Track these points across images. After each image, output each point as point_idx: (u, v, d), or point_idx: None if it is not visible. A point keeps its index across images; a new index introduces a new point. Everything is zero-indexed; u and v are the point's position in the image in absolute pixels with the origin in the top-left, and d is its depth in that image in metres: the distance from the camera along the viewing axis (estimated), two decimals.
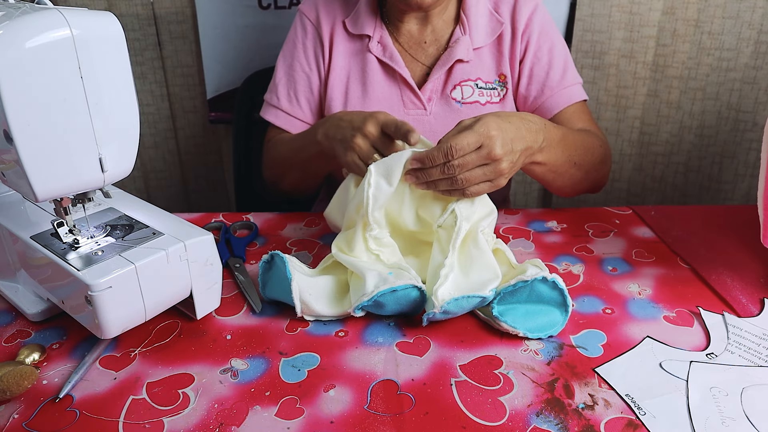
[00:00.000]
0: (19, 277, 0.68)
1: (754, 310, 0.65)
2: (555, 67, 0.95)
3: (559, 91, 0.95)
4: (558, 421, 0.50)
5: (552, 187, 0.87)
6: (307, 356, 0.59)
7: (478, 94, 0.95)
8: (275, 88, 1.00)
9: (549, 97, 0.95)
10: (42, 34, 0.47)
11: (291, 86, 0.99)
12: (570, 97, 0.95)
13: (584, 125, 0.95)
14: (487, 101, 0.95)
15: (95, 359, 0.58)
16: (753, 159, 1.46)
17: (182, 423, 0.51)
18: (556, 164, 0.79)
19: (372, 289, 0.60)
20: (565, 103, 0.95)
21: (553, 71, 0.95)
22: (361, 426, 0.50)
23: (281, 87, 1.00)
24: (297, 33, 1.00)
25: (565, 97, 0.95)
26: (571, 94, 0.95)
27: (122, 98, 0.54)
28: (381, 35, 0.96)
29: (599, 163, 0.89)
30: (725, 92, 1.41)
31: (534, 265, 0.63)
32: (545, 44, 0.95)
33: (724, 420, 0.50)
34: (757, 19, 1.33)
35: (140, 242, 0.59)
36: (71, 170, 0.53)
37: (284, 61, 1.01)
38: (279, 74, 1.01)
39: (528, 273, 0.60)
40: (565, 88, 0.95)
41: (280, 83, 1.00)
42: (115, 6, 1.44)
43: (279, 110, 1.00)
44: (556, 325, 0.61)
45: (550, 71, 0.95)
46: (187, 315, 0.65)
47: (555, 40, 0.96)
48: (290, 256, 0.66)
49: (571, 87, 0.95)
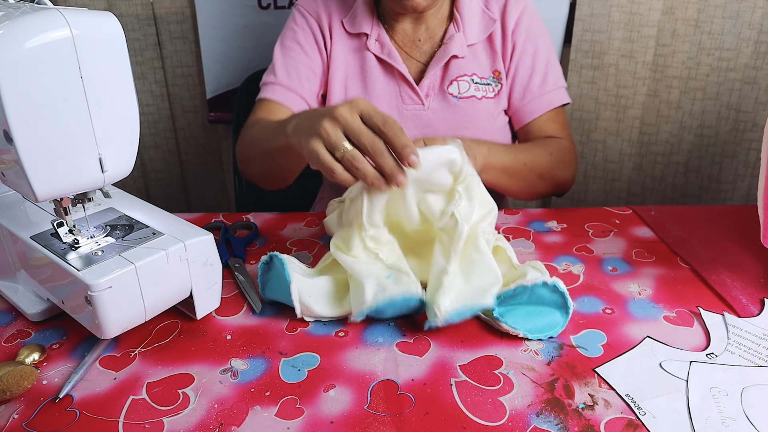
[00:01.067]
0: (19, 277, 0.68)
1: (754, 310, 0.65)
2: (537, 72, 0.97)
3: (539, 96, 0.97)
4: (558, 421, 0.50)
5: (510, 191, 0.92)
6: (307, 356, 0.59)
7: (474, 89, 0.96)
8: (273, 69, 0.97)
9: (528, 101, 0.97)
10: (42, 34, 0.47)
11: (291, 64, 0.96)
12: (549, 102, 0.97)
13: (554, 133, 0.98)
14: (483, 96, 0.97)
15: (95, 359, 0.58)
16: (753, 159, 1.47)
17: (182, 423, 0.51)
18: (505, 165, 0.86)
19: (371, 300, 0.60)
20: (543, 109, 0.97)
21: (535, 76, 0.97)
22: (361, 426, 0.50)
23: (278, 66, 0.97)
24: (296, 21, 0.99)
25: (544, 103, 0.97)
26: (551, 100, 0.97)
27: (122, 98, 0.54)
28: (378, 33, 0.97)
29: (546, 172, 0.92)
30: (725, 92, 1.41)
31: (534, 267, 0.63)
32: (530, 48, 0.97)
33: (724, 420, 0.50)
34: (757, 19, 1.33)
35: (140, 242, 0.59)
36: (71, 170, 0.53)
37: (282, 45, 0.99)
38: (276, 56, 0.98)
39: (528, 277, 0.60)
40: (545, 95, 0.97)
41: (277, 63, 0.97)
42: (115, 6, 1.44)
43: (276, 85, 0.96)
44: (557, 326, 0.61)
45: (532, 76, 0.97)
46: (187, 315, 0.65)
47: (539, 43, 0.97)
48: (289, 256, 0.66)
49: (551, 92, 0.97)
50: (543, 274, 0.61)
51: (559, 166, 0.94)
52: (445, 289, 0.60)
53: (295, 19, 1.00)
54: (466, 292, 0.61)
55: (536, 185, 0.92)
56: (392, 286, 0.61)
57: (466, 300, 0.60)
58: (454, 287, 0.61)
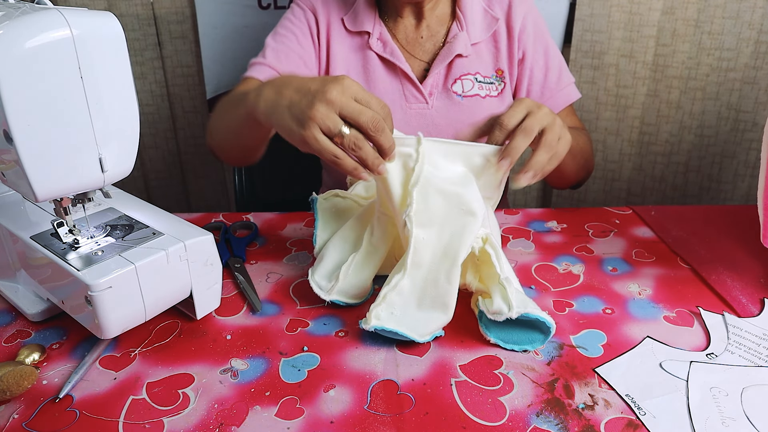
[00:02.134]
0: (19, 277, 0.68)
1: (754, 310, 0.65)
2: (552, 69, 0.98)
3: (557, 92, 0.99)
4: (558, 421, 0.50)
5: (557, 178, 0.92)
6: (307, 356, 0.59)
7: (478, 88, 0.97)
8: (263, 51, 0.96)
9: (549, 98, 0.99)
10: (42, 34, 0.47)
11: (282, 49, 0.95)
12: (567, 97, 1.00)
13: (575, 125, 1.01)
14: (486, 95, 0.97)
15: (95, 359, 0.58)
16: (753, 159, 1.46)
17: (182, 423, 0.51)
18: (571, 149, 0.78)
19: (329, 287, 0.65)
20: (564, 104, 0.99)
21: (551, 73, 0.98)
22: (361, 426, 0.50)
23: (269, 50, 0.95)
24: (294, 13, 0.99)
25: (564, 98, 0.99)
26: (568, 95, 1.00)
27: (122, 98, 0.54)
28: (380, 32, 0.97)
29: (588, 157, 0.97)
30: (725, 92, 1.41)
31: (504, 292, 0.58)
32: (541, 46, 0.98)
33: (724, 420, 0.50)
34: (757, 19, 1.33)
35: (140, 242, 0.59)
36: (71, 170, 0.53)
37: (275, 32, 0.98)
38: (269, 41, 0.97)
39: (492, 309, 0.57)
40: (562, 90, 0.99)
41: (268, 47, 0.96)
42: (115, 6, 1.44)
43: (263, 65, 0.94)
44: (535, 342, 0.59)
45: (548, 73, 0.98)
46: (187, 315, 0.65)
47: (549, 41, 0.99)
48: None
49: (567, 88, 0.99)
50: (510, 309, 0.56)
51: (591, 155, 0.98)
52: (388, 301, 0.59)
53: (293, 11, 1.00)
54: (409, 318, 0.59)
55: (581, 170, 0.95)
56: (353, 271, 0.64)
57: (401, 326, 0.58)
58: (396, 305, 0.59)
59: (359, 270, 0.65)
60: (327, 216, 0.73)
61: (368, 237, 0.66)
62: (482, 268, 0.63)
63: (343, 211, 0.74)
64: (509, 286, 0.58)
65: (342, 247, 0.68)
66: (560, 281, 0.71)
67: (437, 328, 0.60)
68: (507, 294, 0.57)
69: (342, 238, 0.69)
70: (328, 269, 0.67)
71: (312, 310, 0.66)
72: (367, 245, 0.66)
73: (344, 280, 0.64)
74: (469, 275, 0.64)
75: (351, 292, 0.65)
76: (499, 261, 0.60)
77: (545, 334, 0.58)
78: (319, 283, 0.66)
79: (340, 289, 0.64)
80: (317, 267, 0.67)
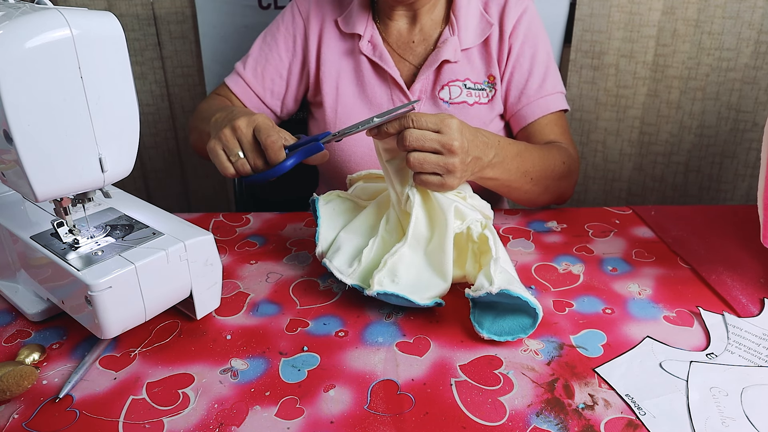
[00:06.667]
0: (19, 277, 0.68)
1: (754, 310, 0.65)
2: (535, 75, 0.94)
3: (535, 100, 0.94)
4: (558, 421, 0.50)
5: (510, 198, 0.88)
6: (307, 356, 0.59)
7: (466, 95, 0.94)
8: (246, 59, 1.02)
9: (525, 105, 0.95)
10: (42, 34, 0.47)
11: (261, 62, 1.00)
12: (547, 106, 0.94)
13: (556, 137, 0.94)
14: (475, 102, 0.95)
15: (95, 359, 0.58)
16: (753, 159, 1.47)
17: (182, 423, 0.51)
18: (509, 180, 0.79)
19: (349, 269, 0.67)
20: (541, 113, 0.94)
21: (533, 79, 0.94)
22: (361, 426, 0.50)
23: (251, 59, 1.01)
24: (285, 18, 1.00)
25: (542, 107, 0.94)
26: (548, 104, 0.95)
27: (122, 98, 0.54)
28: (372, 34, 0.96)
29: (558, 179, 0.87)
30: (725, 92, 1.41)
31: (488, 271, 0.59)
32: (528, 51, 0.94)
33: (724, 420, 0.50)
34: (757, 19, 1.33)
35: (140, 242, 0.59)
36: (71, 170, 0.53)
37: (263, 39, 1.01)
38: (254, 47, 1.02)
39: (475, 286, 0.60)
40: (542, 98, 0.94)
41: (251, 56, 1.01)
42: (115, 6, 1.44)
43: (240, 78, 1.01)
44: (526, 328, 0.59)
45: (529, 79, 0.95)
46: (187, 315, 0.65)
47: (539, 47, 0.95)
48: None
49: (549, 96, 0.95)
50: (491, 284, 0.57)
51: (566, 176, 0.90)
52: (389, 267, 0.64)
53: (284, 16, 1.01)
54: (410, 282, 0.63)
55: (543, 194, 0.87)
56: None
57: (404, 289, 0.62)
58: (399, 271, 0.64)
59: (379, 253, 0.67)
60: (330, 216, 0.74)
61: (384, 225, 0.70)
62: (482, 259, 0.65)
63: (345, 211, 0.75)
64: (495, 264, 0.60)
65: (361, 233, 0.71)
66: (560, 281, 0.71)
67: (437, 294, 0.63)
68: (489, 271, 0.59)
69: (358, 226, 0.72)
70: (348, 254, 0.68)
71: (312, 310, 0.66)
72: (383, 233, 0.69)
73: (366, 264, 0.66)
74: (469, 264, 0.66)
75: (369, 277, 0.65)
76: (495, 244, 0.64)
77: (534, 318, 0.59)
78: (339, 268, 0.67)
79: (361, 273, 0.66)
80: (335, 254, 0.69)
